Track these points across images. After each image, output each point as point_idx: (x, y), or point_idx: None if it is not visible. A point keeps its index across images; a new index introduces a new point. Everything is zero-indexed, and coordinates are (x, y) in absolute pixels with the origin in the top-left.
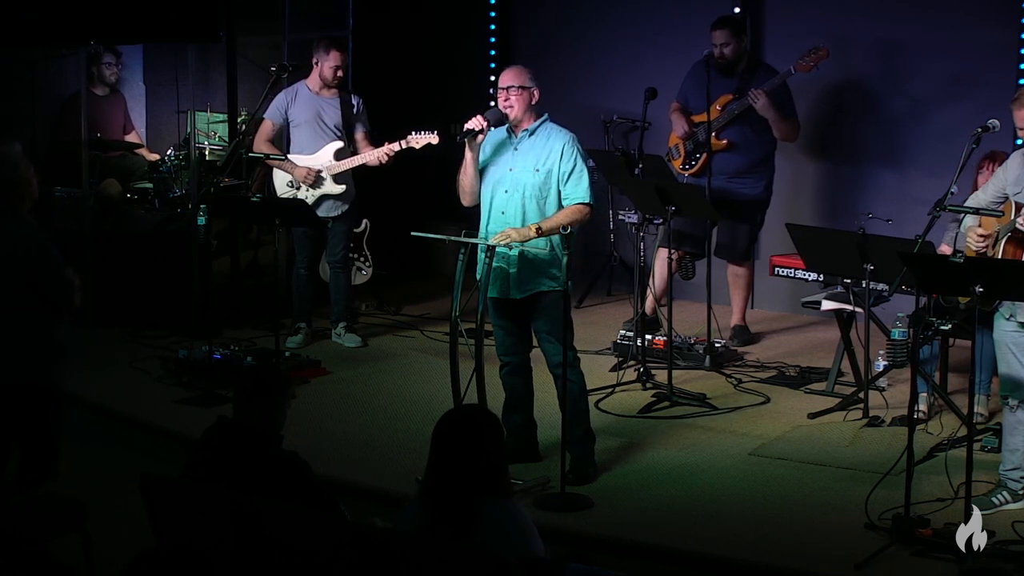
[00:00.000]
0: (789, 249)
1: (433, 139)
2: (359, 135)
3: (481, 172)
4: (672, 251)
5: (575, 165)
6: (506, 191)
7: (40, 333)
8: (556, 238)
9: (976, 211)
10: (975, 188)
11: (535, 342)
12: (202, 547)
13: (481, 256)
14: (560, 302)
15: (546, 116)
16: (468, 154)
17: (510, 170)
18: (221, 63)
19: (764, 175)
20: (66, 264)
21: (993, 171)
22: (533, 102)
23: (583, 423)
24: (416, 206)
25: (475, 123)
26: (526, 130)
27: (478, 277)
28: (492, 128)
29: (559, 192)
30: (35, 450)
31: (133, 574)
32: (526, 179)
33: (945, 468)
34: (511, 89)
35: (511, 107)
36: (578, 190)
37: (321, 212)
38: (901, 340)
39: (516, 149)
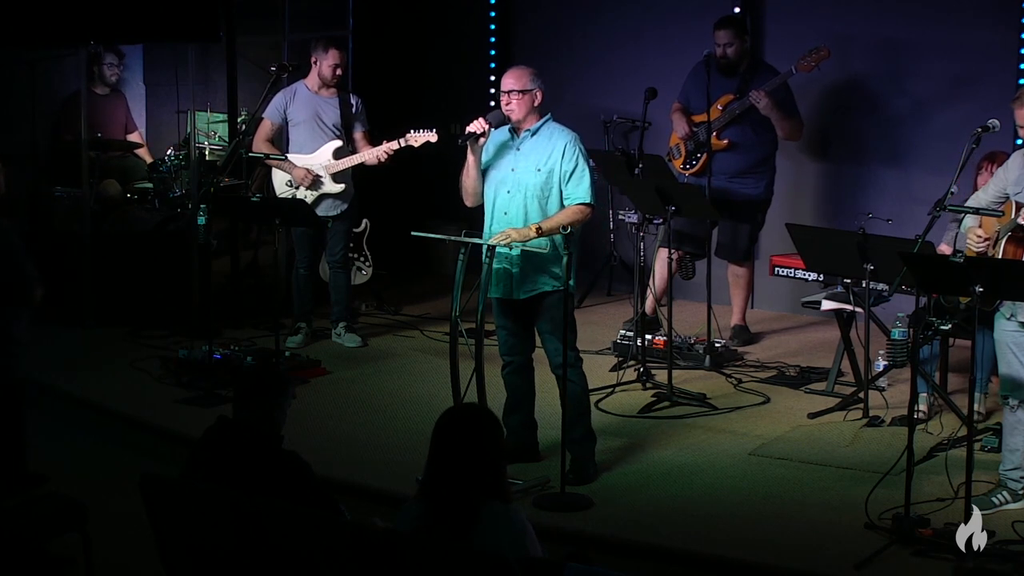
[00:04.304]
0: (789, 249)
1: (432, 137)
2: (358, 134)
3: (484, 173)
4: (672, 251)
5: (576, 165)
6: (508, 191)
7: None
8: (559, 238)
9: (976, 211)
10: (975, 189)
11: (539, 342)
12: (202, 547)
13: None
14: (563, 302)
15: (548, 116)
16: (470, 156)
17: (512, 170)
18: (221, 63)
19: (765, 175)
20: (29, 258)
21: (993, 172)
22: (536, 104)
23: (584, 423)
24: (416, 206)
25: (476, 126)
26: (528, 130)
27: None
28: (494, 129)
29: (561, 192)
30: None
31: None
32: (528, 179)
33: (945, 468)
34: (512, 93)
35: (512, 110)
36: (579, 190)
37: (320, 211)
38: (901, 340)
39: (518, 149)
